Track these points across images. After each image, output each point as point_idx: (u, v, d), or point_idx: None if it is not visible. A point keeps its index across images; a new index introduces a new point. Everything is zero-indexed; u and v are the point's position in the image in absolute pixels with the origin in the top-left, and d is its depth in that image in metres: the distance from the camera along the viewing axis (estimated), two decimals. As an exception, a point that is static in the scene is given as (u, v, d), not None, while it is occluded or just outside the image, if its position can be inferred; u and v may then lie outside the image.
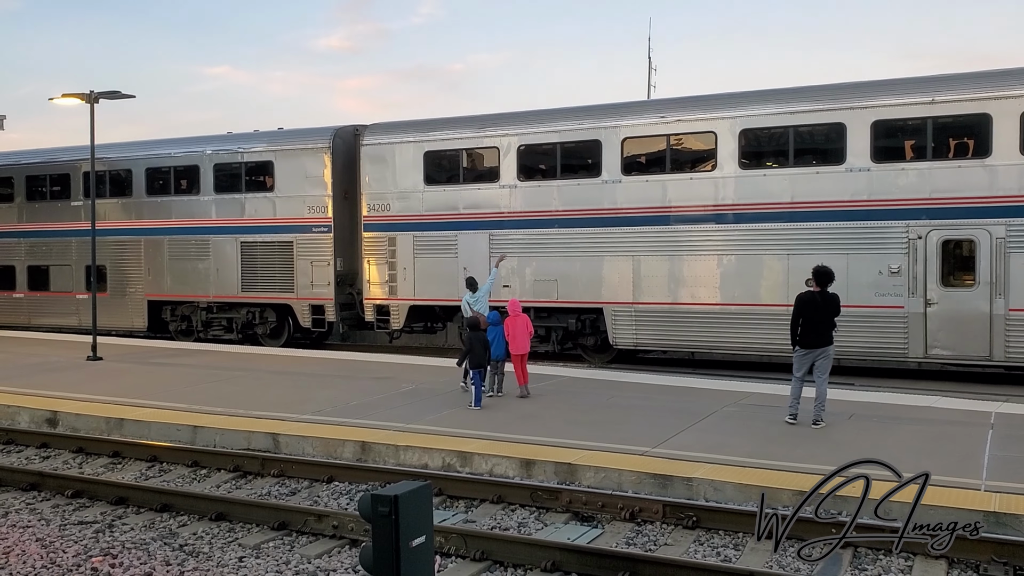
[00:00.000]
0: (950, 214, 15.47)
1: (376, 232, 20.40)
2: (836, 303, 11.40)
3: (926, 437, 10.66)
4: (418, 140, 19.95)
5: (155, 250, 23.09)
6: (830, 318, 11.32)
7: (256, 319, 22.25)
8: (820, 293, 11.32)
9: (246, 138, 22.67)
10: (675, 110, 17.77)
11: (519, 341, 13.37)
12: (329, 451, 10.94)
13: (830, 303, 11.34)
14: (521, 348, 13.42)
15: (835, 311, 11.37)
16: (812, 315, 11.27)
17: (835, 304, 11.39)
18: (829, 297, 11.35)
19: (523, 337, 13.43)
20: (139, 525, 8.58)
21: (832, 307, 11.35)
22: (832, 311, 11.35)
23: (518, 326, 13.39)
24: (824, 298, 11.30)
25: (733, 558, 7.47)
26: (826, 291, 11.36)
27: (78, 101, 18.79)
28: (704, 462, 9.55)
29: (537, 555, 7.28)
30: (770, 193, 16.73)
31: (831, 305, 11.34)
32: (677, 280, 17.50)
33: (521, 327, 13.41)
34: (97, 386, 14.93)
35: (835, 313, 11.37)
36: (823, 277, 11.40)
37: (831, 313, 11.33)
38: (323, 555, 7.70)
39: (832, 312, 11.35)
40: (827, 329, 11.32)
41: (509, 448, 10.29)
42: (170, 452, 11.08)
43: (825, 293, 11.35)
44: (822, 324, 11.28)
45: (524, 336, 13.44)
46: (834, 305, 11.37)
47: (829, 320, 11.32)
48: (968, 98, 15.44)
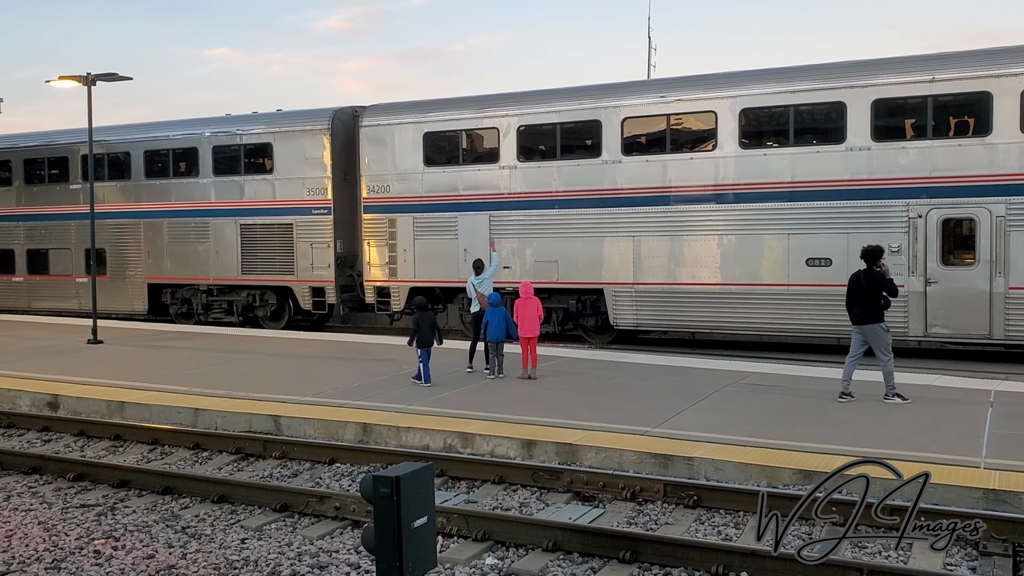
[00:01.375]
0: (950, 192, 15.43)
1: (376, 214, 20.36)
2: (877, 280, 11.37)
3: (926, 415, 10.68)
4: (417, 121, 19.86)
5: (155, 233, 23.05)
6: (872, 296, 11.33)
7: (256, 302, 22.25)
8: (863, 271, 11.42)
9: (245, 120, 22.58)
10: (675, 90, 17.68)
11: (529, 324, 13.38)
12: (331, 433, 10.97)
13: (871, 281, 11.37)
14: (531, 331, 13.42)
15: (876, 289, 11.34)
16: (854, 293, 11.48)
17: (875, 282, 11.36)
18: (871, 275, 11.39)
19: (533, 320, 13.43)
20: (141, 508, 8.62)
21: (873, 284, 11.35)
22: (873, 289, 11.34)
23: (529, 309, 13.40)
24: (866, 276, 11.39)
25: (734, 537, 7.50)
26: (870, 269, 11.42)
27: (76, 84, 18.70)
28: (705, 442, 9.58)
29: (538, 535, 7.31)
30: (770, 172, 16.67)
31: (872, 283, 11.36)
32: (677, 260, 17.48)
33: (532, 310, 13.42)
34: (98, 369, 14.95)
35: (876, 291, 11.34)
36: (866, 255, 11.50)
37: (872, 291, 11.33)
38: (325, 536, 7.73)
39: (873, 290, 11.34)
40: (867, 307, 11.37)
41: (510, 429, 10.31)
42: (172, 435, 11.11)
43: (868, 271, 11.41)
44: (862, 302, 11.38)
45: (534, 319, 13.45)
46: (875, 282, 11.36)
47: (870, 298, 11.34)
48: (968, 76, 15.36)
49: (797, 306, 16.51)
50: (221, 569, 6.97)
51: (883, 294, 11.38)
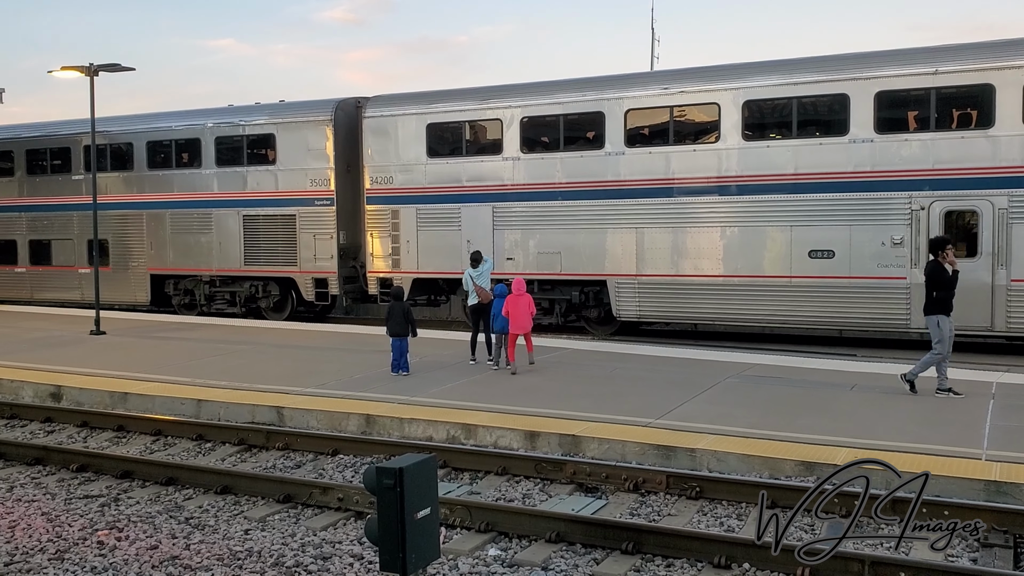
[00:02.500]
0: (953, 185, 15.40)
1: (379, 205, 20.35)
2: (928, 272, 11.22)
3: (929, 407, 10.69)
4: (421, 112, 19.84)
5: (157, 224, 23.06)
6: (927, 287, 11.20)
7: (259, 293, 22.27)
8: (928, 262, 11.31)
9: (247, 111, 22.55)
10: (678, 81, 17.64)
11: (520, 321, 13.36)
12: (334, 424, 10.99)
13: (926, 272, 11.29)
14: (522, 328, 13.41)
15: (928, 280, 11.19)
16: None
17: (928, 273, 11.22)
18: (927, 266, 11.32)
19: (525, 317, 13.42)
20: (144, 499, 8.64)
21: (927, 276, 11.24)
22: (927, 280, 11.21)
23: (520, 306, 13.35)
24: (926, 267, 11.34)
25: (736, 528, 7.52)
26: (931, 260, 11.28)
27: (78, 74, 18.68)
28: (707, 433, 9.59)
29: (541, 526, 7.33)
30: (773, 164, 16.65)
31: (926, 274, 11.28)
32: (680, 252, 17.47)
33: (523, 307, 13.39)
34: (101, 360, 14.98)
35: (929, 282, 11.16)
36: (929, 246, 11.45)
37: (927, 282, 11.20)
38: (328, 527, 7.76)
39: (927, 281, 11.19)
40: (926, 298, 11.22)
41: (513, 420, 10.33)
42: (175, 426, 11.14)
43: (929, 262, 11.29)
44: (926, 293, 11.27)
45: (526, 316, 13.43)
46: (927, 274, 11.23)
47: (927, 289, 11.20)
48: (971, 68, 15.32)
49: (800, 298, 16.51)
50: (224, 560, 6.99)
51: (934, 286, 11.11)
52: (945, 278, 11.08)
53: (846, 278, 16.11)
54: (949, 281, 11.09)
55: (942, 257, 11.11)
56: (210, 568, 6.83)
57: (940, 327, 11.10)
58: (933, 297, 11.14)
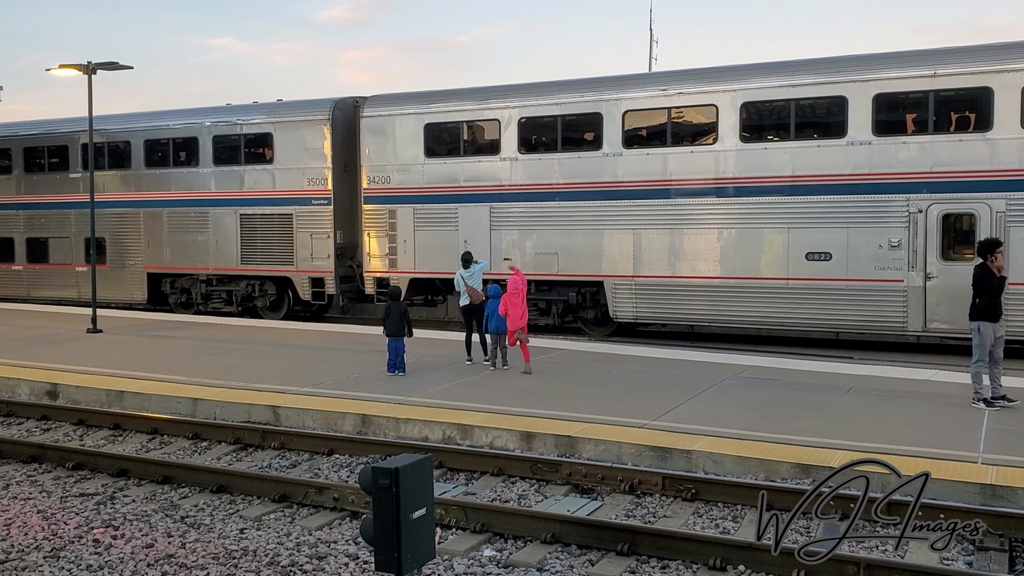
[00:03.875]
0: (951, 188, 15.42)
1: (376, 204, 20.33)
2: (976, 276, 10.66)
3: (925, 411, 10.70)
4: (419, 112, 19.83)
5: (154, 222, 23.03)
6: (974, 293, 10.68)
7: (256, 292, 22.25)
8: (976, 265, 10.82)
9: (245, 110, 22.53)
10: (676, 83, 17.65)
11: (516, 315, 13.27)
12: (329, 424, 10.98)
13: (975, 277, 10.71)
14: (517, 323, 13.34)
15: (975, 286, 10.65)
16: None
17: (975, 278, 10.68)
18: (976, 271, 10.76)
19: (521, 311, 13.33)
20: (140, 497, 8.63)
21: (974, 281, 10.67)
22: (974, 286, 10.67)
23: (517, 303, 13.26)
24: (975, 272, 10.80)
25: (732, 530, 7.52)
26: (980, 264, 10.74)
27: (76, 72, 18.66)
28: (703, 435, 9.60)
29: (537, 527, 7.33)
30: (771, 166, 16.66)
31: (975, 279, 10.70)
32: (677, 253, 17.48)
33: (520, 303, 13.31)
34: (97, 358, 14.96)
35: (976, 288, 10.63)
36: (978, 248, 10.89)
37: (974, 288, 10.67)
38: (324, 527, 7.75)
39: (975, 287, 10.65)
40: (971, 305, 10.73)
41: (510, 421, 10.33)
42: (171, 424, 11.12)
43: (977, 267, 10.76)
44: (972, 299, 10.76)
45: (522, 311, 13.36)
46: (974, 279, 10.68)
47: (973, 295, 10.69)
48: (970, 71, 15.33)
49: (796, 300, 16.52)
50: (220, 559, 6.99)
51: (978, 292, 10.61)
52: (992, 284, 10.55)
53: (843, 280, 16.12)
54: (996, 287, 10.56)
55: (991, 261, 10.63)
56: (205, 567, 6.82)
57: (981, 333, 10.57)
58: (977, 303, 10.64)
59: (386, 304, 13.66)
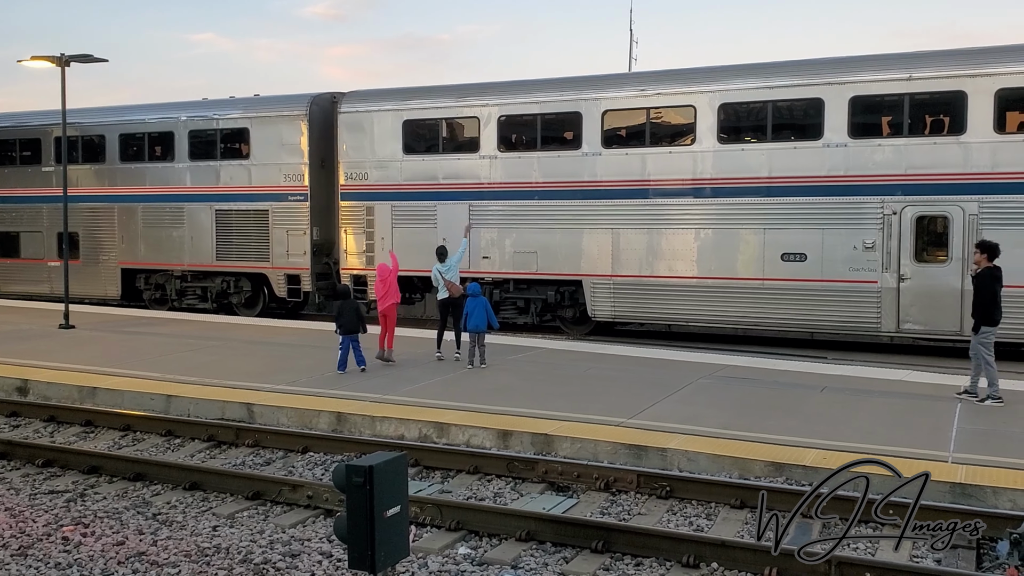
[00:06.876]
0: (925, 190, 15.57)
1: (353, 201, 20.24)
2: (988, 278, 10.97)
3: (897, 410, 10.80)
4: (397, 109, 19.76)
5: (129, 217, 22.80)
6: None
7: (231, 288, 22.08)
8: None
9: (222, 104, 22.35)
10: (655, 83, 17.70)
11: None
12: (304, 422, 10.92)
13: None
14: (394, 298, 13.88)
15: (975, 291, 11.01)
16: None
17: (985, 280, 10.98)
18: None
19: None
20: (112, 494, 8.54)
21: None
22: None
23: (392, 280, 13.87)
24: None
25: (705, 528, 7.55)
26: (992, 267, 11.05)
27: (49, 64, 18.40)
28: (678, 433, 9.63)
29: (512, 525, 7.33)
30: (748, 167, 16.75)
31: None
32: (655, 253, 17.54)
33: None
34: (69, 354, 14.78)
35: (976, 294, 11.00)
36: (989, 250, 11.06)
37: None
38: (297, 525, 7.71)
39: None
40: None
41: (486, 419, 10.31)
42: (144, 421, 11.01)
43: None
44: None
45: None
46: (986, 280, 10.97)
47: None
48: (944, 75, 15.49)
49: (772, 300, 16.63)
50: (192, 556, 6.93)
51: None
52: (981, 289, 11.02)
53: (818, 281, 16.24)
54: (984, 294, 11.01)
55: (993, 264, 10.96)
56: (177, 564, 6.76)
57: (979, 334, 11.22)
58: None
59: (338, 303, 13.65)
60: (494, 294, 18.76)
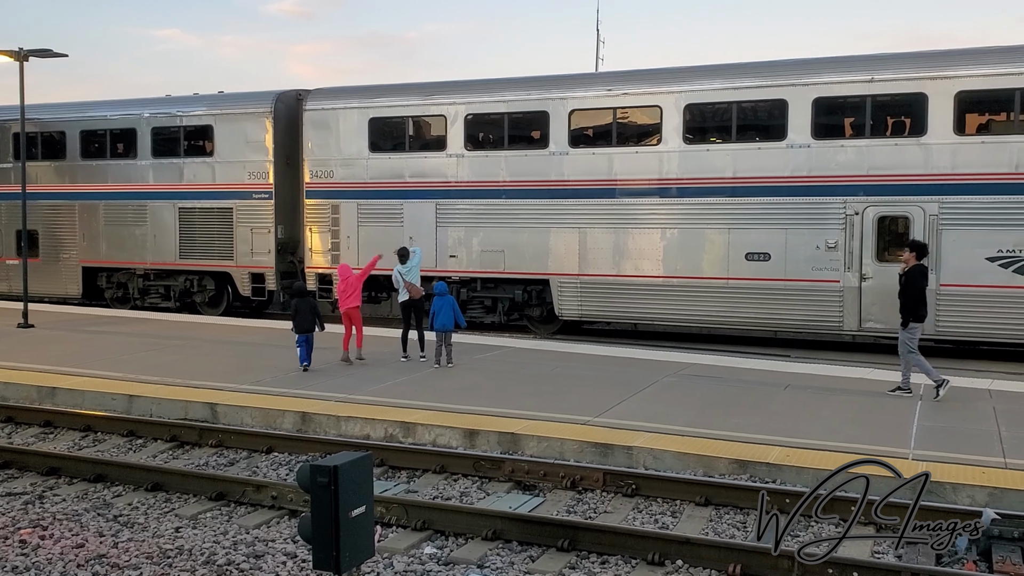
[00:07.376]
0: (886, 191, 15.80)
1: (319, 199, 20.10)
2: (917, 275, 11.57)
3: (858, 407, 10.95)
4: (363, 106, 19.65)
5: (90, 215, 22.44)
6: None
7: (194, 287, 21.83)
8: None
9: (185, 101, 22.08)
10: (622, 83, 17.78)
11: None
12: (268, 422, 10.82)
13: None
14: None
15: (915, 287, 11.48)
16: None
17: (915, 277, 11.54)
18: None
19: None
20: (71, 496, 8.40)
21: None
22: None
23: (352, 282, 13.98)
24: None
25: (671, 525, 7.60)
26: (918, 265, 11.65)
27: (7, 59, 18.05)
28: (644, 431, 9.69)
29: (478, 524, 7.32)
30: (713, 168, 16.88)
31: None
32: (622, 252, 17.62)
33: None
34: (28, 354, 14.52)
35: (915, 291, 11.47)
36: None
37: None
38: (262, 525, 7.64)
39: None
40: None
41: (453, 419, 10.29)
42: (105, 421, 10.85)
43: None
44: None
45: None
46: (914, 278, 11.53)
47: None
48: (906, 77, 15.73)
49: (736, 299, 16.78)
50: (154, 558, 6.83)
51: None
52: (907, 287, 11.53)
53: (781, 280, 16.42)
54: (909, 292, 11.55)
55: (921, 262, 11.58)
56: (138, 567, 6.67)
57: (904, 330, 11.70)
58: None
59: (294, 302, 13.56)
60: (461, 293, 18.74)
